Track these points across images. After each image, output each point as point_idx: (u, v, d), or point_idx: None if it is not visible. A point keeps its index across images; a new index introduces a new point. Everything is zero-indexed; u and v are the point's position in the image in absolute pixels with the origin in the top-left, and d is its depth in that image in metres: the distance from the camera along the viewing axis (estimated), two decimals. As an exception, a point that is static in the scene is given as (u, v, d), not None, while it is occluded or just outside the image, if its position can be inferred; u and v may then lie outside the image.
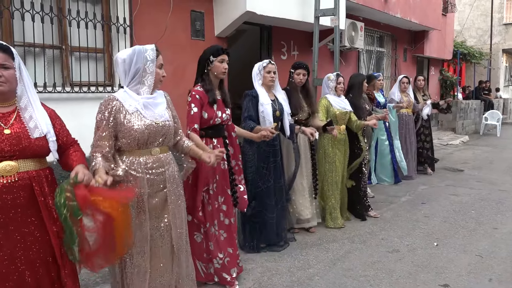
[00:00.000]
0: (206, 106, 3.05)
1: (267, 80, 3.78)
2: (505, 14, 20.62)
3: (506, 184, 6.79)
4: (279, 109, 3.85)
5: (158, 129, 2.39)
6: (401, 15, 9.91)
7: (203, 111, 3.04)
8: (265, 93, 3.78)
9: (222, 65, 3.11)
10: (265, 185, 3.83)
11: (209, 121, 3.06)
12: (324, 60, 8.23)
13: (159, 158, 2.43)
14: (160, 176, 2.43)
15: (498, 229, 4.62)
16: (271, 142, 3.77)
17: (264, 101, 3.73)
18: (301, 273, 3.49)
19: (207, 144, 3.06)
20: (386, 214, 5.11)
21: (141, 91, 2.40)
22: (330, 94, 4.67)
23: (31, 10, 4.29)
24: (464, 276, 3.48)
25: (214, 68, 3.11)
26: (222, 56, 3.11)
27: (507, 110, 18.86)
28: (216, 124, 3.11)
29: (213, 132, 3.12)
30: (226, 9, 6.07)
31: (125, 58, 2.38)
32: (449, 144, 11.30)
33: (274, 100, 3.85)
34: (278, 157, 3.90)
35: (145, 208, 2.38)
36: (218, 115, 3.11)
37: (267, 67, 3.78)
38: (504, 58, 21.53)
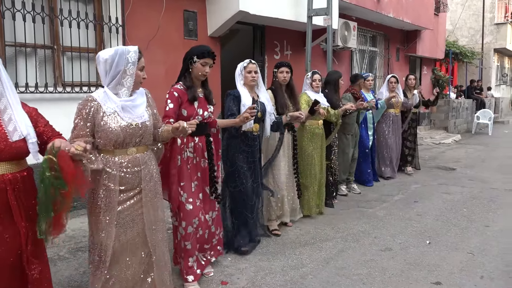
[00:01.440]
0: (185, 103, 3.04)
1: (248, 80, 3.75)
2: (496, 13, 20.78)
3: (498, 182, 6.85)
4: (261, 110, 3.81)
5: (135, 131, 2.42)
6: (393, 14, 9.96)
7: (183, 108, 3.03)
8: (247, 93, 3.74)
9: (204, 68, 3.08)
10: (243, 185, 3.78)
11: (189, 119, 2.99)
12: (317, 59, 8.25)
13: (135, 158, 2.47)
14: (135, 174, 2.48)
15: (490, 226, 4.66)
16: (250, 142, 3.77)
17: (246, 101, 3.69)
18: (295, 272, 3.50)
19: (188, 142, 3.10)
20: (379, 213, 5.14)
21: (120, 92, 2.41)
22: (309, 90, 4.89)
23: (22, 10, 4.27)
24: (456, 273, 3.50)
25: (195, 68, 3.08)
26: (205, 59, 3.07)
27: (498, 109, 19.01)
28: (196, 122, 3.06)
29: (195, 130, 2.98)
30: (219, 9, 6.07)
31: (107, 58, 2.37)
32: (441, 143, 11.38)
33: (256, 100, 3.81)
34: (256, 157, 3.88)
35: (115, 205, 2.41)
36: (199, 112, 3.09)
37: (248, 67, 3.75)
38: (495, 58, 21.71)
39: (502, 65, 23.59)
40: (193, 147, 3.13)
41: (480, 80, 18.05)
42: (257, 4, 6.08)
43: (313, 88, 4.87)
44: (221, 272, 3.45)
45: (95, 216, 2.43)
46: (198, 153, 3.17)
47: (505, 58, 24.12)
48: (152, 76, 4.93)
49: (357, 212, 5.18)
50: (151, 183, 2.56)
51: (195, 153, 3.15)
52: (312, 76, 4.88)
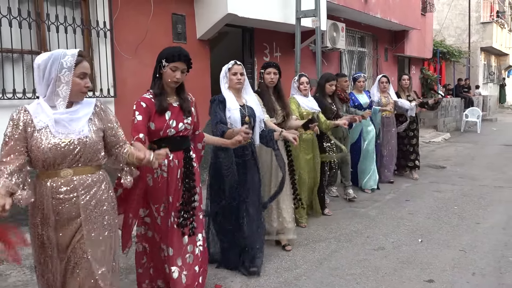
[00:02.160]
0: (154, 115, 2.63)
1: (233, 83, 3.40)
2: (482, 13, 21.07)
3: (488, 179, 6.92)
4: (250, 115, 3.43)
5: (68, 149, 2.02)
6: (381, 15, 10.03)
7: (151, 121, 2.62)
8: (233, 97, 3.39)
9: (174, 74, 2.62)
10: (236, 201, 3.41)
11: (158, 133, 2.63)
12: (306, 61, 8.27)
13: (70, 181, 2.05)
14: (70, 202, 2.05)
15: (481, 223, 4.71)
16: (241, 152, 3.37)
17: (231, 105, 3.35)
18: (288, 274, 3.50)
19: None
20: (371, 212, 5.16)
21: (57, 104, 2.04)
22: (297, 94, 4.63)
23: (8, 15, 4.22)
24: (448, 271, 3.52)
25: (165, 74, 2.65)
26: (176, 63, 2.61)
27: (486, 107, 19.23)
28: (169, 136, 2.67)
29: (168, 145, 2.58)
30: (207, 12, 6.07)
31: (39, 63, 2.03)
32: (431, 142, 11.47)
33: (243, 105, 3.44)
34: (249, 169, 3.47)
35: (50, 242, 2.07)
36: (171, 125, 2.65)
37: (233, 69, 3.40)
38: (482, 56, 21.99)
39: (489, 64, 23.90)
40: (166, 165, 2.68)
41: (468, 78, 18.25)
42: (246, 6, 6.08)
43: (301, 91, 4.60)
44: (214, 275, 3.43)
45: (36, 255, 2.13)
46: (171, 173, 2.70)
47: (492, 57, 24.45)
48: (141, 81, 4.91)
49: (349, 212, 5.19)
50: (97, 214, 2.11)
51: (168, 172, 2.70)
52: (299, 79, 4.62)
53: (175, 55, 2.61)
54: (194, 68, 3.48)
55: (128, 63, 5.31)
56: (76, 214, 2.06)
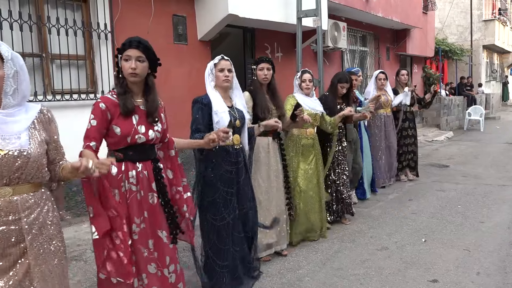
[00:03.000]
0: (118, 117, 2.28)
1: (220, 81, 3.03)
2: (484, 10, 20.99)
3: (491, 178, 6.88)
4: (239, 117, 3.08)
5: (6, 162, 1.70)
6: (382, 14, 10.01)
7: (114, 124, 2.27)
8: (220, 98, 3.03)
9: (128, 64, 2.29)
10: (231, 215, 3.06)
11: (125, 139, 2.29)
12: (308, 61, 8.26)
13: (9, 202, 1.74)
14: (11, 226, 1.74)
15: (485, 222, 4.68)
16: (234, 159, 3.06)
17: (218, 108, 2.96)
18: (291, 275, 3.48)
19: (128, 170, 2.32)
20: (374, 212, 5.14)
21: None
22: (298, 93, 4.19)
23: (9, 19, 4.23)
24: (452, 270, 3.50)
25: (122, 67, 2.33)
26: (127, 52, 2.29)
27: (489, 105, 19.16)
28: (138, 144, 2.34)
29: (136, 154, 2.34)
30: (208, 13, 6.06)
31: None
32: (434, 140, 11.43)
33: (231, 106, 3.09)
34: (242, 176, 3.16)
35: None
36: (140, 131, 2.32)
37: (219, 64, 3.03)
38: (484, 54, 21.91)
39: (492, 62, 23.82)
40: (135, 177, 2.33)
41: (470, 77, 18.19)
42: (247, 7, 6.07)
43: (302, 89, 4.14)
44: (217, 277, 3.42)
45: None
46: (142, 185, 2.35)
47: (494, 54, 24.37)
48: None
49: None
50: (42, 238, 1.82)
51: (138, 185, 2.34)
52: (302, 76, 4.16)
53: (125, 43, 2.31)
54: (196, 69, 3.47)
55: (129, 65, 5.30)
56: (16, 240, 1.76)
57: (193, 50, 6.12)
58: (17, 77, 1.77)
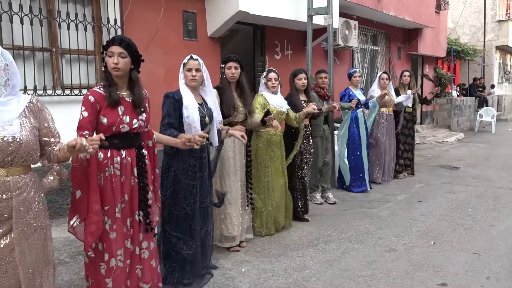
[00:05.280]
0: (106, 109, 2.48)
1: (188, 80, 3.15)
2: (498, 11, 20.69)
3: (502, 180, 6.78)
4: (208, 114, 3.22)
5: (1, 147, 1.92)
6: (394, 13, 9.90)
7: (102, 115, 2.46)
8: (191, 95, 3.15)
9: (111, 59, 2.48)
10: (190, 207, 3.17)
11: (111, 128, 2.48)
12: (318, 59, 8.20)
13: (3, 182, 1.95)
14: (3, 203, 1.96)
15: (495, 226, 4.60)
16: (198, 154, 3.18)
17: (189, 103, 3.10)
18: (298, 275, 3.45)
19: (113, 156, 2.53)
20: (383, 213, 5.08)
21: None
22: (265, 91, 4.30)
23: (19, 13, 4.24)
24: (461, 274, 3.45)
25: (107, 63, 2.53)
26: (110, 48, 2.48)
27: (501, 106, 18.92)
28: (123, 133, 2.54)
29: (120, 142, 2.55)
30: (218, 9, 6.03)
31: None
32: (444, 142, 11.31)
33: (201, 103, 3.22)
34: (205, 171, 3.28)
35: None
36: (125, 121, 2.51)
37: (188, 64, 3.14)
38: (497, 55, 21.61)
39: (504, 63, 23.49)
40: (119, 163, 2.55)
41: (483, 78, 17.97)
42: (257, 4, 6.03)
43: (268, 88, 4.27)
44: (222, 275, 3.41)
45: None
46: (125, 170, 2.58)
47: (507, 55, 24.02)
48: (152, 78, 4.90)
49: (360, 212, 5.12)
50: (28, 216, 2.03)
51: (121, 170, 2.56)
52: (267, 75, 4.29)
53: (109, 40, 2.52)
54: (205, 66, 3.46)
55: (138, 61, 5.30)
56: (7, 217, 1.97)
57: (202, 46, 6.10)
58: (8, 70, 2.00)
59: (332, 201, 5.50)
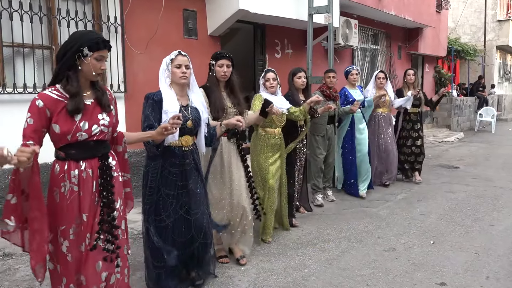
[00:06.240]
0: (59, 115, 2.12)
1: (177, 77, 2.85)
2: (498, 10, 20.67)
3: (502, 180, 6.78)
4: (193, 118, 2.91)
5: None
6: (395, 12, 9.89)
7: (54, 122, 2.11)
8: (174, 96, 2.85)
9: (100, 64, 2.19)
10: (170, 219, 2.90)
11: (65, 137, 2.14)
12: (318, 58, 8.20)
13: None
14: None
15: (495, 226, 4.60)
16: (179, 161, 2.88)
17: (169, 107, 2.78)
18: (297, 274, 3.45)
19: (70, 170, 2.19)
20: (382, 212, 5.08)
21: None
22: (264, 92, 4.13)
23: (19, 10, 4.23)
24: (461, 274, 3.45)
25: (86, 65, 2.16)
26: (101, 51, 2.19)
27: (501, 106, 18.92)
28: (81, 141, 2.19)
29: (79, 152, 2.21)
30: (219, 8, 6.03)
31: None
32: (444, 141, 11.31)
33: (187, 105, 2.92)
34: (190, 180, 2.95)
35: None
36: (83, 127, 2.16)
37: (176, 60, 2.86)
38: (498, 55, 21.59)
39: (505, 62, 23.47)
40: (77, 177, 2.20)
41: (483, 77, 17.96)
42: (257, 2, 6.02)
43: (267, 88, 4.10)
44: (222, 274, 3.40)
45: None
46: (84, 185, 2.21)
47: (508, 55, 24.01)
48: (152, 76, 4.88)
49: (359, 211, 5.12)
50: None
51: (80, 184, 2.21)
52: (265, 75, 4.12)
53: (99, 42, 2.17)
54: (205, 64, 3.45)
55: (138, 59, 5.30)
56: None
57: (203, 45, 6.09)
58: None
59: (331, 199, 5.51)
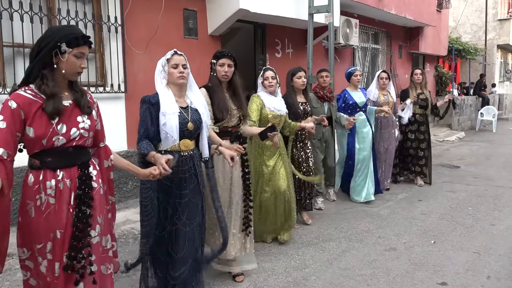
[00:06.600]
0: (34, 117, 1.89)
1: (174, 78, 2.65)
2: (499, 9, 20.64)
3: (503, 179, 6.77)
4: (194, 120, 2.68)
5: None
6: (395, 11, 9.88)
7: (28, 125, 1.88)
8: (171, 98, 2.64)
9: (80, 62, 1.98)
10: (164, 231, 2.67)
11: (40, 141, 1.90)
12: (319, 57, 8.19)
13: None
14: None
15: (496, 225, 4.59)
16: (178, 168, 2.63)
17: (167, 109, 2.58)
18: (298, 273, 3.45)
19: (46, 180, 1.94)
20: (383, 212, 5.07)
21: None
22: (262, 92, 3.91)
23: (19, 10, 4.23)
24: (461, 273, 3.44)
25: (64, 63, 1.94)
26: (81, 48, 1.97)
27: (502, 105, 18.89)
28: (58, 147, 1.95)
29: (56, 160, 1.96)
30: (219, 7, 6.02)
31: None
32: (445, 141, 11.29)
33: (186, 107, 2.71)
34: (189, 187, 2.71)
35: None
36: (60, 131, 1.93)
37: (173, 60, 2.67)
38: (499, 54, 21.57)
39: (506, 61, 23.45)
40: (53, 188, 1.95)
41: (484, 76, 17.95)
42: (258, 2, 6.02)
43: (266, 87, 3.88)
44: (222, 274, 3.40)
45: None
46: (60, 198, 1.96)
47: (509, 54, 23.98)
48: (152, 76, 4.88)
49: (360, 211, 5.12)
50: None
51: (56, 196, 1.96)
52: (264, 73, 3.89)
53: (78, 37, 1.95)
54: (206, 64, 3.44)
55: (139, 59, 5.30)
56: None
57: (203, 45, 6.09)
58: None
59: (332, 199, 5.46)
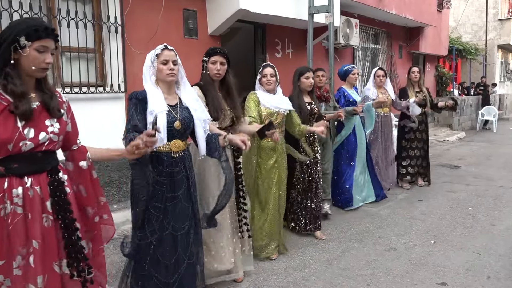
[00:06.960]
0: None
1: (164, 75, 2.51)
2: (500, 9, 20.64)
3: (503, 179, 6.76)
4: (182, 118, 2.54)
5: None
6: (396, 11, 9.88)
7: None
8: (160, 95, 2.51)
9: (44, 57, 1.78)
10: (155, 236, 2.51)
11: (5, 147, 1.74)
12: (319, 57, 8.18)
13: None
14: None
15: (496, 225, 4.59)
16: (167, 169, 2.50)
17: (154, 107, 2.44)
18: (297, 274, 3.45)
19: (12, 188, 1.78)
20: (383, 212, 5.07)
21: None
22: (259, 90, 3.75)
23: (19, 10, 4.22)
24: (461, 274, 3.44)
25: (25, 58, 1.76)
26: (44, 41, 1.78)
27: (503, 105, 18.88)
28: (25, 152, 1.79)
29: (23, 166, 1.80)
30: (219, 7, 6.02)
31: None
32: (445, 141, 11.28)
33: (176, 105, 2.57)
34: (180, 190, 2.56)
35: None
36: (27, 135, 1.77)
37: (162, 55, 2.51)
38: (499, 54, 21.57)
39: (506, 61, 23.45)
40: (21, 196, 1.79)
41: (484, 77, 17.94)
42: (258, 2, 6.01)
43: (263, 85, 3.69)
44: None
45: None
46: (31, 206, 1.81)
47: (509, 54, 23.98)
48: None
49: (360, 211, 5.11)
50: None
51: (25, 205, 1.80)
52: (263, 70, 3.70)
53: (39, 29, 1.75)
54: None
55: (139, 59, 5.27)
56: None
57: (203, 45, 6.07)
58: None
59: (324, 211, 4.70)
